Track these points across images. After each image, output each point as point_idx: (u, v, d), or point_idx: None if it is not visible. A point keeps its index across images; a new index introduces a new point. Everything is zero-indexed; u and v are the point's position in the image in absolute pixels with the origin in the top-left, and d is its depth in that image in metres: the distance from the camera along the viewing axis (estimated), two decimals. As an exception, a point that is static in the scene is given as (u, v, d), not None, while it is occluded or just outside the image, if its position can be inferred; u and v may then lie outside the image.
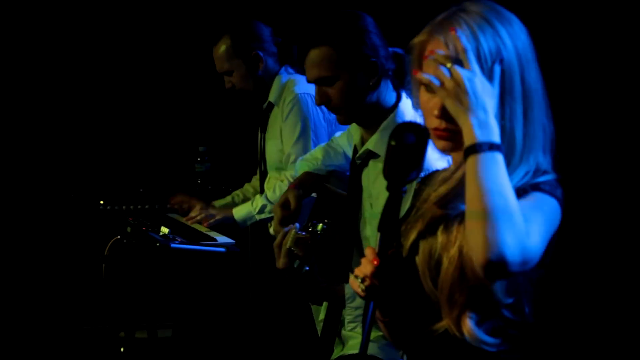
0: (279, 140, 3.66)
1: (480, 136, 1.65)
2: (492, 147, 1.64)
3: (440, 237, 1.79)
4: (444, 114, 1.74)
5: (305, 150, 3.50)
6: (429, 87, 1.77)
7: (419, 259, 1.82)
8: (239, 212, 3.70)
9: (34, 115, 4.73)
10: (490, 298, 1.73)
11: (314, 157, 2.88)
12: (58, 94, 4.75)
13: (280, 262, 2.53)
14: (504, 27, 1.73)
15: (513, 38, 1.73)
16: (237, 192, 4.02)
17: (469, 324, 1.75)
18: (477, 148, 1.65)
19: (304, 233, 2.51)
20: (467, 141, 1.67)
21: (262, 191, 3.78)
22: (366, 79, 2.59)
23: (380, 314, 1.91)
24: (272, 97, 3.72)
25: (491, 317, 1.76)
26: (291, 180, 3.48)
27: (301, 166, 2.87)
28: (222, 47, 3.68)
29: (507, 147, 1.71)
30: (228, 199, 3.99)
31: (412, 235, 1.84)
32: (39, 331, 4.55)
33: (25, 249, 4.66)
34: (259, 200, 3.63)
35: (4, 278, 4.64)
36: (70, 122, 4.76)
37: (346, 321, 2.66)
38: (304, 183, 2.77)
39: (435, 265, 1.78)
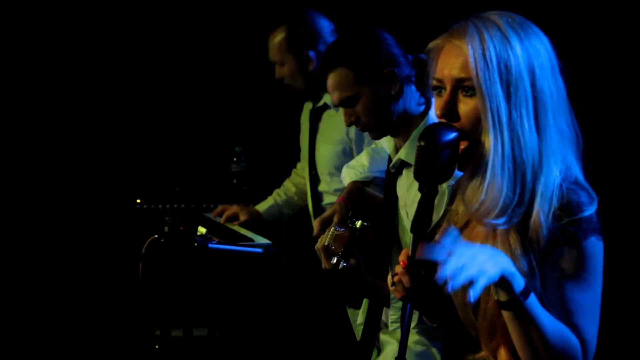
0: (337, 146, 3.60)
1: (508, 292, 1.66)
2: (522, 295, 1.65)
3: None
4: (446, 114, 1.75)
5: None
6: (438, 93, 1.79)
7: (456, 292, 1.80)
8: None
9: (72, 113, 4.77)
10: None
11: (360, 164, 2.88)
12: (95, 93, 4.79)
13: (324, 262, 2.55)
14: (517, 34, 1.73)
15: (524, 45, 1.73)
16: (278, 191, 4.01)
17: (507, 357, 1.76)
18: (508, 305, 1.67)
19: (342, 229, 2.52)
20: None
21: (313, 195, 3.75)
22: (387, 90, 2.60)
23: (426, 319, 1.92)
24: (328, 99, 3.62)
25: None
26: None
27: (348, 174, 2.86)
28: (277, 38, 3.64)
29: (520, 149, 1.70)
30: (270, 200, 3.98)
31: None
32: (75, 329, 4.59)
33: (63, 247, 4.71)
34: None
35: (42, 276, 4.69)
36: (107, 120, 4.80)
37: (390, 321, 2.66)
38: (352, 194, 2.77)
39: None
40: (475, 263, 1.61)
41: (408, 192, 2.60)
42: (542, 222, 1.70)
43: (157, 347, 3.89)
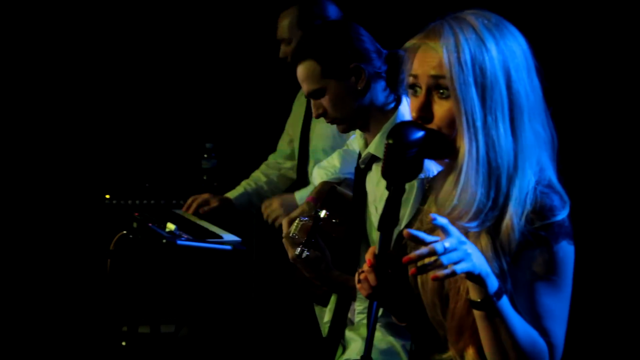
0: (334, 126, 3.61)
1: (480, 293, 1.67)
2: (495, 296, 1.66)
3: None
4: (421, 116, 1.75)
5: None
6: (414, 92, 1.78)
7: (425, 290, 1.81)
8: (301, 195, 3.68)
9: (40, 110, 4.74)
10: None
11: (331, 165, 2.89)
12: (64, 90, 4.76)
13: (290, 253, 2.57)
14: (492, 35, 1.73)
15: (500, 47, 1.72)
16: (248, 181, 4.01)
17: (474, 357, 1.77)
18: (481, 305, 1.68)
19: (306, 219, 2.54)
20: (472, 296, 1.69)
21: (299, 177, 3.76)
22: (353, 84, 2.62)
23: (394, 317, 1.93)
24: None
25: None
26: None
27: (319, 174, 2.87)
28: (288, 15, 3.70)
29: (495, 153, 1.70)
30: (240, 189, 3.97)
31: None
32: (43, 325, 4.57)
33: (31, 243, 4.68)
34: None
35: (9, 272, 4.66)
36: (76, 116, 4.77)
37: (356, 312, 2.68)
38: (322, 193, 2.78)
39: (445, 297, 1.78)
40: (465, 248, 1.62)
41: (377, 186, 2.62)
42: (515, 225, 1.70)
43: (123, 343, 3.87)
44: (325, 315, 2.82)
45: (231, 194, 3.93)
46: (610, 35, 3.39)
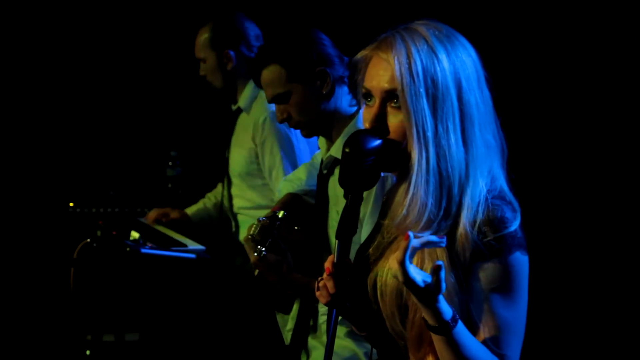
0: (246, 150, 3.66)
1: (437, 319, 1.66)
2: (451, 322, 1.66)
3: None
4: (375, 127, 1.76)
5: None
6: (368, 102, 1.79)
7: (384, 301, 1.80)
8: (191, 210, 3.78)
9: (3, 118, 4.71)
10: None
11: (297, 178, 2.91)
12: (29, 95, 4.73)
13: (251, 256, 2.58)
14: (444, 46, 1.74)
15: (451, 58, 1.73)
16: (209, 194, 4.02)
17: None
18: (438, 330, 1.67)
19: (264, 219, 2.56)
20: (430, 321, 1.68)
21: (229, 197, 3.78)
22: (319, 88, 2.65)
23: (355, 327, 1.94)
24: (242, 103, 3.72)
25: None
26: None
27: (285, 187, 2.89)
28: (202, 34, 3.71)
29: (446, 163, 1.71)
30: (199, 204, 3.99)
31: (376, 273, 1.83)
32: (5, 334, 4.53)
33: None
34: None
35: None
36: (40, 123, 4.74)
37: (319, 314, 2.71)
38: (287, 203, 2.80)
39: (404, 307, 1.77)
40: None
41: (339, 189, 2.63)
42: (469, 234, 1.70)
43: (88, 352, 3.86)
44: (288, 323, 2.83)
45: (189, 210, 3.95)
46: (565, 42, 3.43)
